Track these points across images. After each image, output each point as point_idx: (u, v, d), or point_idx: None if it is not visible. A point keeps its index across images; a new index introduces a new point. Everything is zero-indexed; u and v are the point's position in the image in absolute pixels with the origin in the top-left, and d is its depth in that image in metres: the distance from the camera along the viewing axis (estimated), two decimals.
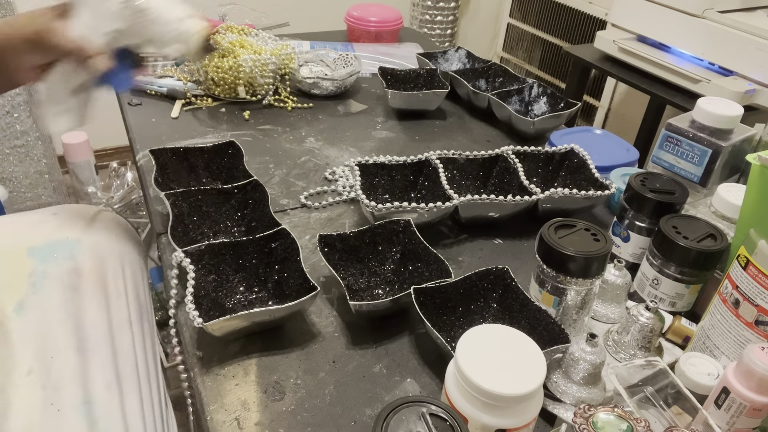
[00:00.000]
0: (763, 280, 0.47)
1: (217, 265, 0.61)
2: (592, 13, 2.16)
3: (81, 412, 0.53)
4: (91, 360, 0.58)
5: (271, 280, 0.63)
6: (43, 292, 0.60)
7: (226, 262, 0.62)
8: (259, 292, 0.62)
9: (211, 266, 0.61)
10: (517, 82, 1.08)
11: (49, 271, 0.63)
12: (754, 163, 0.54)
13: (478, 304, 0.60)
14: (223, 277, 0.61)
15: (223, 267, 0.61)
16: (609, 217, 0.81)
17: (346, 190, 0.82)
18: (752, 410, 0.45)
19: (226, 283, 0.62)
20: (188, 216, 0.68)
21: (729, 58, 1.31)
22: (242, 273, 0.62)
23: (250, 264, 0.63)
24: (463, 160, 0.79)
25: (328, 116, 1.03)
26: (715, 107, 0.72)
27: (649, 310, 0.55)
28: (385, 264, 0.66)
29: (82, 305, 0.61)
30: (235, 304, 0.61)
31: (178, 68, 1.07)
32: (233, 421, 0.50)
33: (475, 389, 0.42)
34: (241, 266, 0.62)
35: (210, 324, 0.52)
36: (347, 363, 0.57)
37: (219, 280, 0.61)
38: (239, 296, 0.62)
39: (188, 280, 0.56)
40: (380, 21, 1.35)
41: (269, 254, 0.63)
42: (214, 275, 0.61)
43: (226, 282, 0.62)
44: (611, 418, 0.40)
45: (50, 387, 0.53)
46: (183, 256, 0.58)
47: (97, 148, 2.15)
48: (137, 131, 0.93)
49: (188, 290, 0.55)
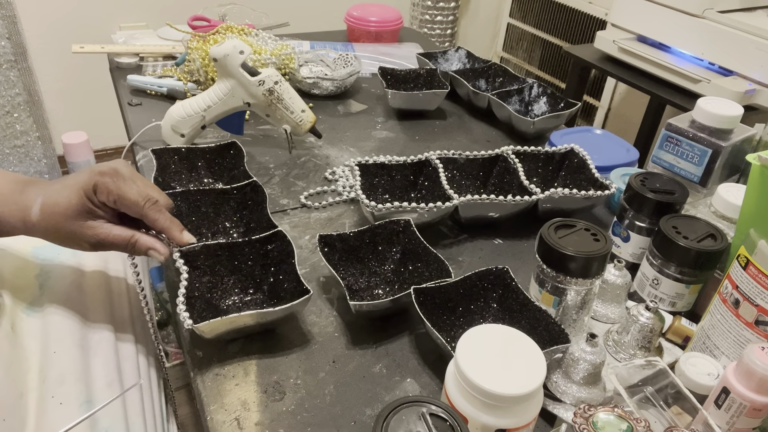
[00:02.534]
0: (763, 280, 0.47)
1: (212, 266, 0.61)
2: (592, 13, 2.16)
3: (83, 411, 0.53)
4: (93, 358, 0.58)
5: (267, 282, 0.62)
6: (49, 291, 0.61)
7: (221, 264, 0.61)
8: (254, 294, 0.62)
9: (206, 267, 0.60)
10: (517, 82, 1.08)
11: (54, 269, 0.63)
12: (754, 163, 0.54)
13: (478, 304, 0.60)
14: (217, 278, 0.61)
15: (218, 268, 0.61)
16: (609, 217, 0.81)
17: (346, 190, 0.82)
18: (752, 410, 0.45)
19: (221, 285, 0.61)
20: (187, 216, 0.68)
21: (729, 58, 1.31)
22: (237, 275, 0.62)
23: (245, 266, 0.62)
24: (463, 160, 0.79)
25: (328, 116, 1.03)
26: (715, 107, 0.72)
27: (649, 310, 0.55)
28: (385, 264, 0.66)
29: (85, 304, 0.61)
30: (230, 306, 0.60)
31: (178, 68, 1.07)
32: (233, 421, 0.50)
33: (475, 389, 0.42)
34: (236, 268, 0.62)
35: (200, 326, 0.51)
36: (347, 363, 0.56)
37: (214, 282, 0.61)
38: (234, 298, 0.61)
39: (181, 281, 0.56)
40: (380, 21, 1.35)
41: (265, 256, 0.62)
42: (209, 276, 0.60)
43: (220, 283, 0.61)
44: (611, 418, 0.40)
45: (53, 381, 0.54)
46: (177, 257, 0.58)
47: (97, 148, 2.15)
48: (137, 131, 0.92)
49: (180, 291, 0.54)
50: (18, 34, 1.83)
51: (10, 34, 1.81)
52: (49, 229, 0.53)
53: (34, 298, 0.59)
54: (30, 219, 0.53)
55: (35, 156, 1.79)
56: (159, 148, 0.76)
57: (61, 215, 0.52)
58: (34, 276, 0.62)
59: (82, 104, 2.06)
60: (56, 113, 2.04)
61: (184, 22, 1.13)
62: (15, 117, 1.72)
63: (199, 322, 0.52)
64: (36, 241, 0.65)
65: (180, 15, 1.33)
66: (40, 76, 1.96)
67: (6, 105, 1.69)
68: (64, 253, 0.65)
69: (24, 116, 1.72)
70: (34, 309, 0.58)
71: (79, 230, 0.53)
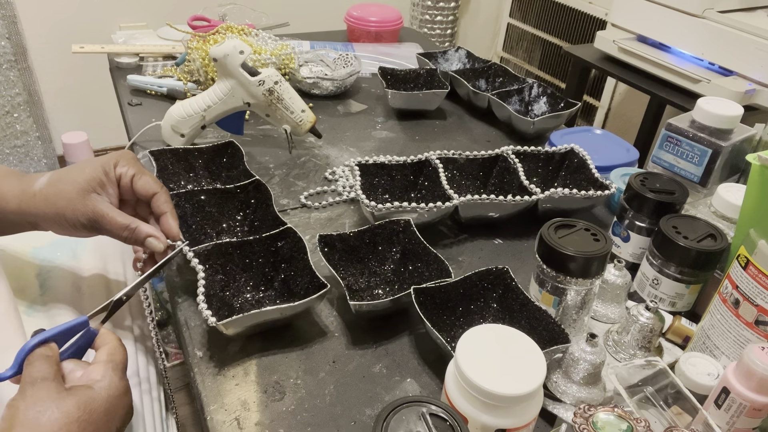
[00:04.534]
0: (763, 280, 0.47)
1: (224, 264, 0.61)
2: (592, 13, 2.16)
3: None
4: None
5: (278, 279, 0.63)
6: (49, 292, 0.61)
7: (233, 262, 0.62)
8: (266, 291, 0.62)
9: (218, 266, 0.61)
10: (517, 82, 1.08)
11: (53, 270, 0.63)
12: (754, 163, 0.54)
13: (478, 304, 0.60)
14: (230, 276, 0.62)
15: (230, 267, 0.61)
16: (609, 217, 0.81)
17: (346, 190, 0.82)
18: (752, 410, 0.45)
19: (233, 283, 0.62)
20: (191, 216, 0.68)
21: (729, 58, 1.31)
22: (249, 272, 0.63)
23: (256, 263, 0.63)
24: (463, 160, 0.79)
25: (328, 116, 1.03)
26: (715, 107, 0.72)
27: (649, 310, 0.55)
28: (385, 264, 0.66)
29: (84, 304, 0.61)
30: (243, 303, 0.61)
31: (178, 68, 1.07)
32: (233, 421, 0.50)
33: (475, 389, 0.42)
34: (247, 266, 0.62)
35: (223, 323, 0.52)
36: (347, 363, 0.56)
37: (226, 280, 0.61)
38: (247, 295, 0.62)
39: (199, 280, 0.56)
40: (380, 21, 1.35)
41: (275, 253, 0.63)
42: (222, 275, 0.61)
43: (233, 281, 0.62)
44: (611, 418, 0.40)
45: None
46: (192, 256, 0.58)
47: (97, 148, 2.15)
48: (137, 131, 0.93)
49: (199, 290, 0.55)
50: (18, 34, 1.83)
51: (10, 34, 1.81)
52: (49, 198, 0.52)
53: (34, 298, 0.59)
54: (31, 189, 0.52)
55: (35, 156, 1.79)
56: (156, 149, 0.76)
57: (69, 182, 0.52)
58: (34, 275, 0.62)
59: (82, 104, 2.06)
60: (56, 113, 2.04)
61: (184, 22, 1.13)
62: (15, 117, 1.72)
63: (219, 320, 0.52)
64: (35, 242, 0.65)
65: (180, 15, 1.33)
66: (40, 76, 1.96)
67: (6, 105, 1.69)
68: (63, 254, 0.65)
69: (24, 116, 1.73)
70: (36, 309, 0.58)
71: (80, 202, 0.52)
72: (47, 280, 0.61)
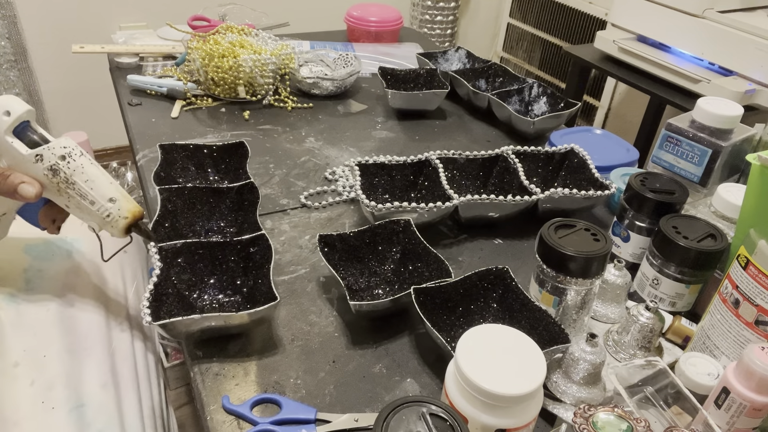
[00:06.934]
0: (763, 280, 0.47)
1: (192, 264, 0.60)
2: (592, 13, 2.16)
3: (73, 417, 0.53)
4: (85, 359, 0.58)
5: (247, 285, 0.62)
6: (38, 290, 0.60)
7: (202, 263, 0.61)
8: (233, 296, 0.61)
9: (186, 265, 0.60)
10: (517, 82, 1.08)
11: (46, 270, 0.63)
12: (754, 163, 0.54)
13: (478, 304, 0.60)
14: (197, 277, 0.61)
15: (199, 267, 0.61)
16: (609, 217, 0.81)
17: (346, 190, 0.82)
18: (752, 410, 0.45)
19: (200, 284, 0.61)
20: (182, 212, 0.68)
21: (729, 58, 1.31)
22: (219, 275, 0.62)
23: (227, 266, 0.62)
24: (463, 160, 0.79)
25: (328, 116, 1.03)
26: (715, 107, 0.72)
27: (649, 310, 0.55)
28: (385, 264, 0.66)
29: (77, 305, 0.61)
30: (205, 305, 0.60)
31: (178, 68, 1.07)
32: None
33: (475, 389, 0.42)
34: (217, 268, 0.62)
35: (159, 324, 0.51)
36: (347, 363, 0.56)
37: (194, 280, 0.61)
38: (211, 298, 0.61)
39: (152, 276, 0.55)
40: (380, 21, 1.35)
41: (247, 258, 0.62)
42: (190, 274, 0.60)
43: (200, 282, 0.61)
44: (611, 418, 0.40)
45: (41, 385, 0.54)
46: (154, 252, 0.57)
47: (97, 148, 2.15)
48: (137, 131, 0.93)
49: (148, 286, 0.53)
50: (18, 34, 1.83)
51: (10, 34, 1.81)
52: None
53: (18, 290, 0.59)
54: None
55: None
56: (167, 143, 0.76)
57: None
58: (22, 269, 0.61)
59: (82, 104, 2.06)
60: (56, 113, 2.04)
61: (184, 22, 1.13)
62: None
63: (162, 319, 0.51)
64: (29, 239, 0.65)
65: (180, 15, 1.33)
66: (40, 76, 1.96)
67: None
68: (58, 254, 0.65)
69: None
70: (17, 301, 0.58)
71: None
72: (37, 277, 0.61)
